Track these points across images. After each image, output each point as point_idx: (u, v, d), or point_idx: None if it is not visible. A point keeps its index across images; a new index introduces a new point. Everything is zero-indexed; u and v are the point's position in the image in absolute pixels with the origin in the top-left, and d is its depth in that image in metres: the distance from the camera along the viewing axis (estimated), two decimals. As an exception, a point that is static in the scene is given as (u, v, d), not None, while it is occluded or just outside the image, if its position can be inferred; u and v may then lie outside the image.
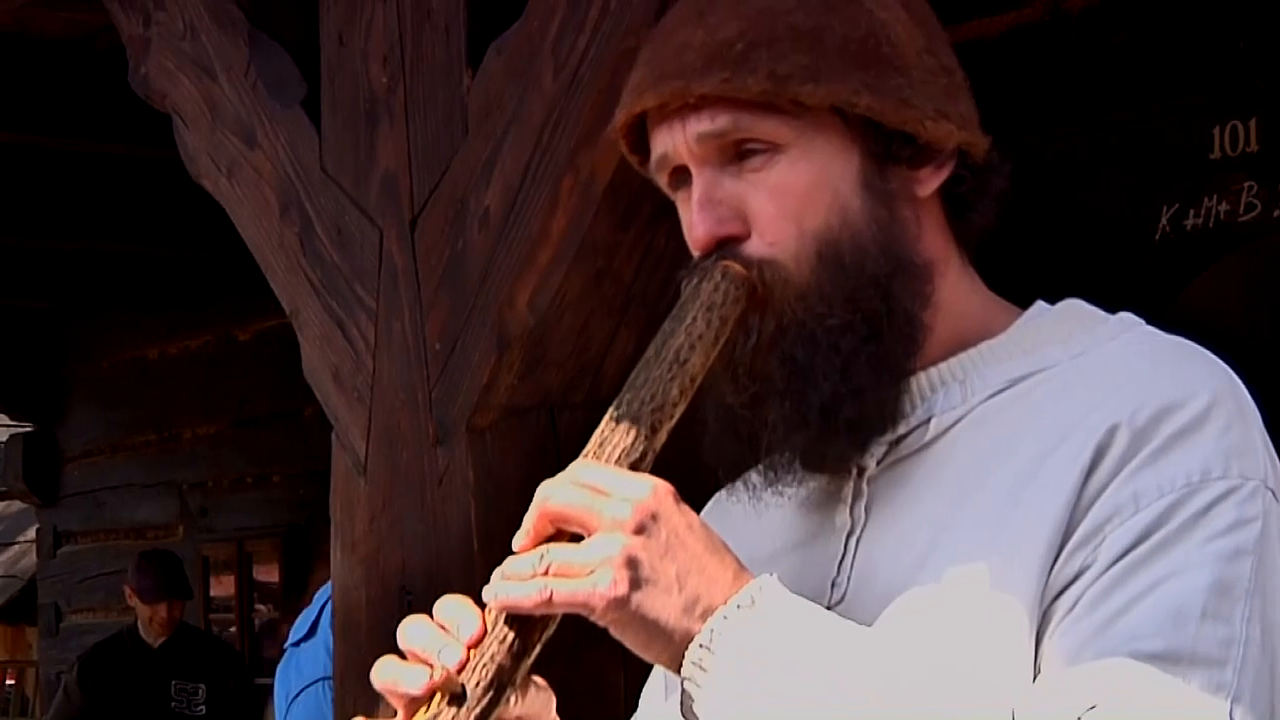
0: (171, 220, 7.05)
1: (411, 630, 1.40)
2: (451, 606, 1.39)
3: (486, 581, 1.38)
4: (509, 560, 1.36)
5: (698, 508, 1.44)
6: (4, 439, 10.11)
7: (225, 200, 3.23)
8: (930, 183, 1.51)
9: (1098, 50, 4.51)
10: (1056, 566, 1.35)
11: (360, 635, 2.93)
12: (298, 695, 4.52)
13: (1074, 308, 1.54)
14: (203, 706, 7.00)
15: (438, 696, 1.34)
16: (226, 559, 8.38)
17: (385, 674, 1.39)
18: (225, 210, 3.25)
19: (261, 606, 8.27)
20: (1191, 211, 4.39)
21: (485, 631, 1.35)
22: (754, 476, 1.52)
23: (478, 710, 1.33)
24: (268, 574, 8.19)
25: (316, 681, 4.44)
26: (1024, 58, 4.63)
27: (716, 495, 1.62)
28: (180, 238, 7.24)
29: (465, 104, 2.74)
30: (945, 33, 1.54)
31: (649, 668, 1.55)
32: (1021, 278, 1.73)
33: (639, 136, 1.56)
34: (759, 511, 1.54)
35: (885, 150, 1.48)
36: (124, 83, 3.43)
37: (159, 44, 3.33)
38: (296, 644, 4.65)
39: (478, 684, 1.33)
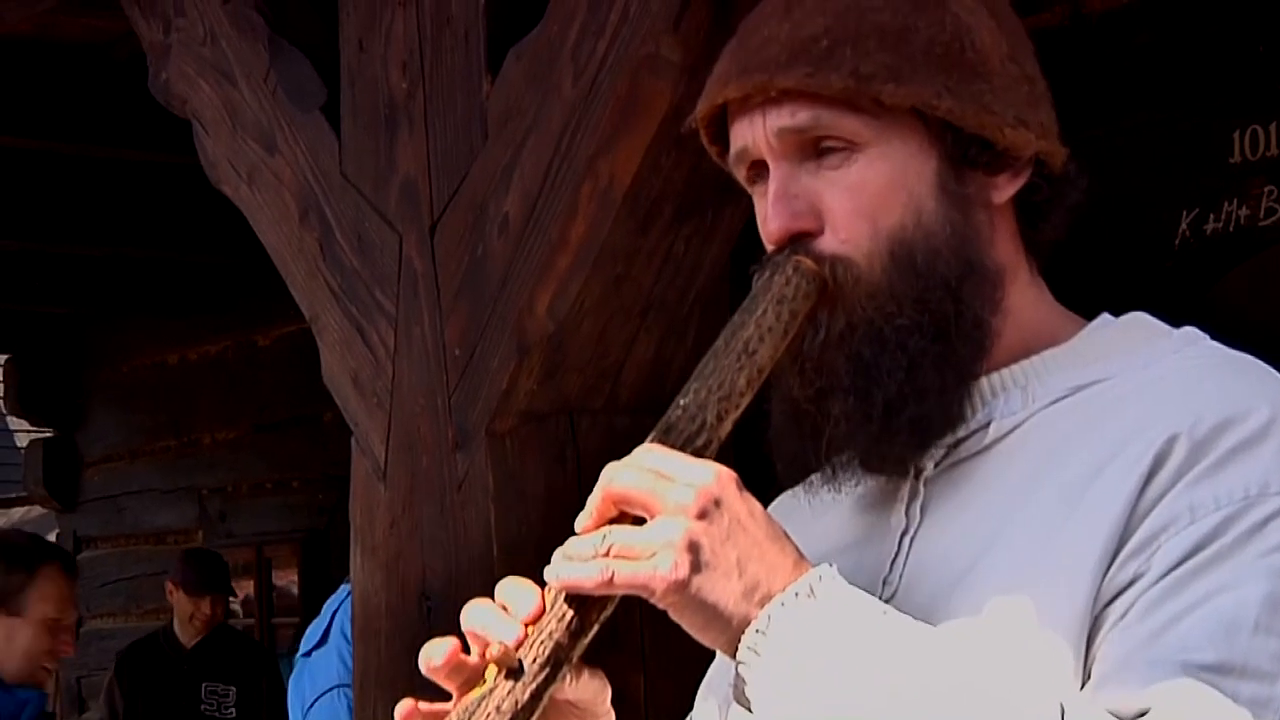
0: (191, 226, 7.06)
1: (473, 612, 1.40)
2: (512, 587, 1.40)
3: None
4: (571, 540, 1.37)
5: (761, 499, 1.45)
6: (24, 444, 10.12)
7: (245, 206, 3.24)
8: (1006, 189, 1.52)
9: (1118, 54, 4.50)
10: (1110, 573, 1.36)
11: (380, 640, 2.93)
12: (313, 704, 4.52)
13: (1138, 321, 1.55)
14: (233, 709, 7.01)
15: (494, 671, 1.35)
16: (246, 564, 8.39)
17: (435, 653, 1.39)
18: (245, 216, 3.26)
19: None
20: (1212, 216, 4.38)
21: (544, 610, 1.36)
22: (815, 479, 1.53)
23: (534, 686, 1.34)
24: (287, 579, 8.20)
25: (331, 689, 4.44)
26: (1043, 61, 4.62)
27: (780, 497, 1.64)
28: (200, 243, 7.25)
29: (485, 110, 2.75)
30: (1030, 41, 1.55)
31: (670, 672, 1.55)
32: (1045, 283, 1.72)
33: (719, 128, 1.57)
34: (817, 511, 1.55)
35: (963, 154, 1.48)
36: (144, 89, 3.44)
37: (179, 50, 3.33)
38: (308, 653, 4.65)
39: (534, 660, 1.34)
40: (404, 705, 1.40)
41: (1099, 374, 1.48)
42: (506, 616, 1.37)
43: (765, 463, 1.56)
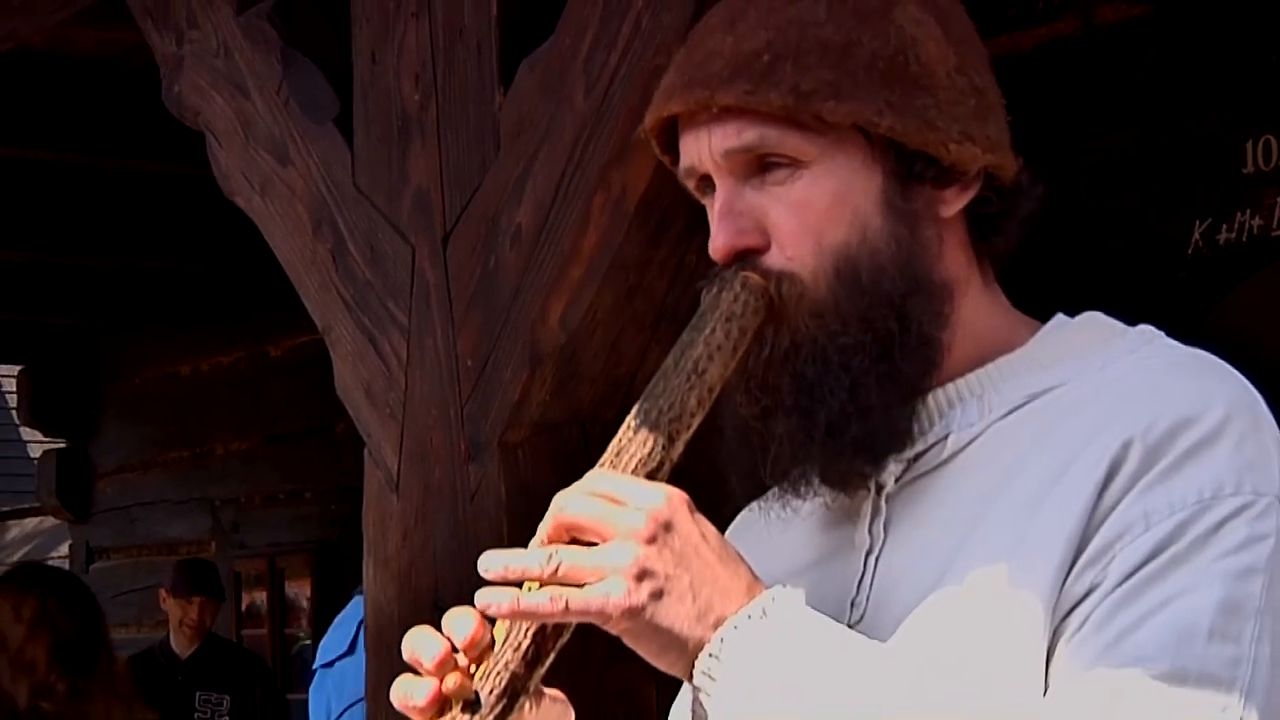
0: (204, 237, 7.07)
1: (415, 639, 1.41)
2: (455, 616, 1.40)
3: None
4: (513, 552, 1.37)
5: (717, 517, 1.44)
6: (37, 455, 10.14)
7: (258, 217, 3.24)
8: (955, 203, 1.50)
9: (1130, 64, 4.50)
10: (1068, 584, 1.35)
11: (393, 652, 2.92)
12: (341, 715, 4.48)
13: (1093, 321, 1.53)
14: (227, 718, 7.01)
15: (454, 705, 1.35)
16: (258, 574, 8.40)
17: (398, 691, 1.41)
18: (258, 227, 3.26)
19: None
20: (1224, 226, 4.37)
21: (481, 630, 1.37)
22: (772, 494, 1.52)
23: (491, 717, 1.33)
24: (300, 589, 8.20)
25: (362, 700, 4.38)
26: (1056, 72, 4.62)
27: (744, 511, 1.62)
28: (213, 255, 7.26)
29: (497, 121, 2.75)
30: (984, 50, 1.53)
31: (680, 682, 1.55)
32: (1054, 292, 1.73)
33: (671, 138, 1.56)
34: (778, 527, 1.54)
35: (909, 170, 1.47)
36: (157, 100, 3.45)
37: (192, 62, 3.34)
38: (329, 664, 4.62)
39: (491, 691, 1.34)
40: None
41: (1054, 379, 1.47)
42: (434, 640, 1.39)
43: (721, 479, 1.55)
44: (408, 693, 1.39)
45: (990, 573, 1.38)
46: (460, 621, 1.38)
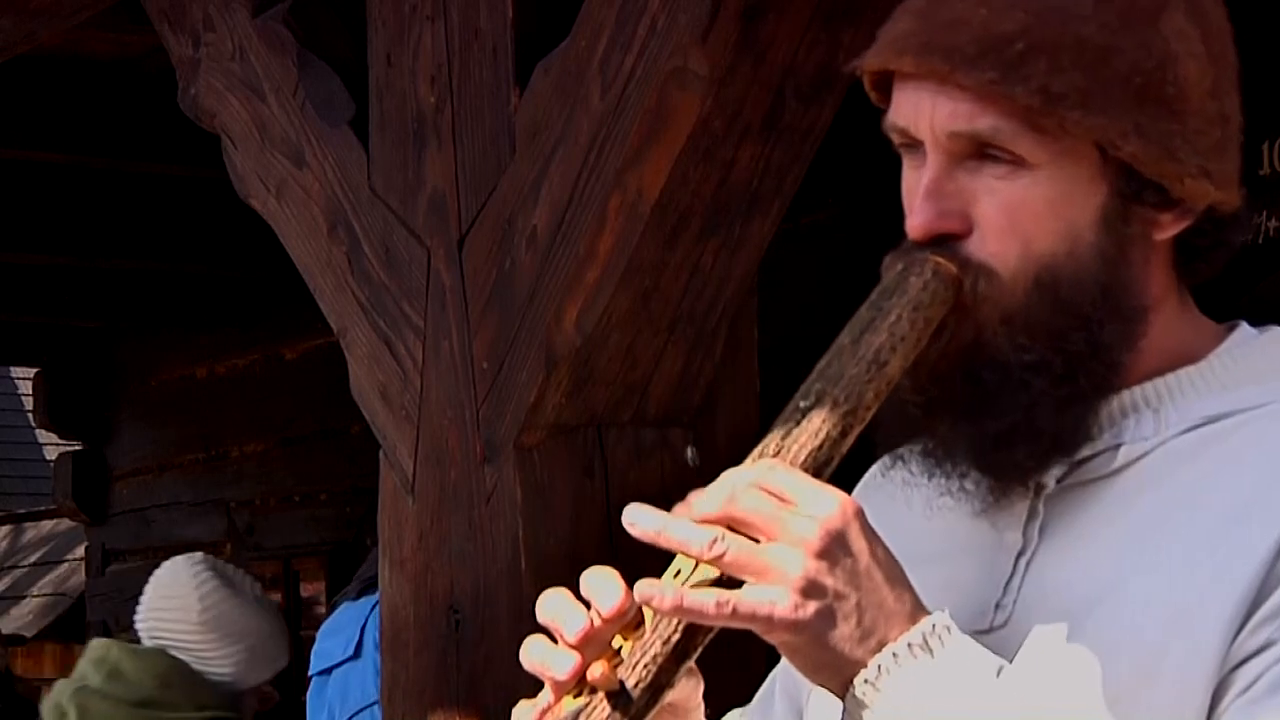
0: (220, 240, 7.08)
1: (556, 605, 1.34)
2: (600, 583, 1.33)
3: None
4: (676, 520, 1.29)
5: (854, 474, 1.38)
6: (53, 457, 10.15)
7: (273, 220, 3.25)
8: (1170, 229, 1.41)
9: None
10: (1240, 638, 1.28)
11: (408, 654, 2.93)
12: None
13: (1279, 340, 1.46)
14: None
15: (592, 692, 1.30)
16: (274, 576, 8.40)
17: (535, 654, 1.35)
18: (273, 230, 3.27)
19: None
20: (1241, 228, 4.36)
21: (626, 602, 1.30)
22: (915, 464, 1.45)
23: (633, 712, 1.29)
24: (314, 591, 8.21)
25: (372, 704, 4.34)
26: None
27: (873, 470, 1.56)
28: (228, 257, 7.27)
29: (513, 124, 2.75)
30: (1235, 63, 1.44)
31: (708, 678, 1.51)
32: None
33: (885, 75, 1.44)
34: (916, 503, 1.46)
35: (1136, 193, 1.38)
36: (173, 103, 3.45)
37: (208, 65, 3.35)
38: (328, 670, 4.57)
39: (636, 684, 1.29)
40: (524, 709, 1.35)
41: (1237, 403, 1.39)
42: (577, 611, 1.32)
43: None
44: (548, 661, 1.33)
45: (1154, 609, 1.31)
46: (605, 589, 1.32)
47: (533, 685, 1.39)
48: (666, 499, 2.79)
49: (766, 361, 2.98)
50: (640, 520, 1.29)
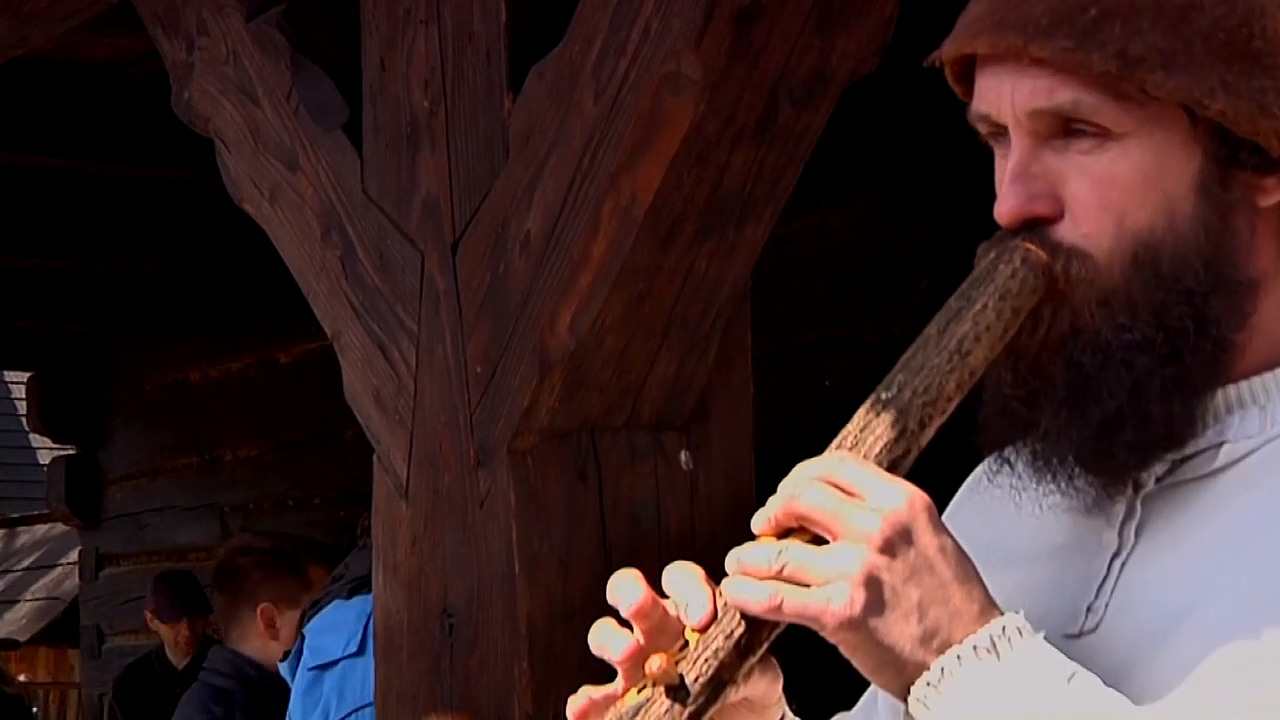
0: (214, 244, 7.07)
1: (623, 585, 1.30)
2: (683, 579, 1.28)
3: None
4: (745, 547, 1.26)
5: (951, 484, 1.34)
6: (47, 461, 10.15)
7: (267, 224, 3.25)
8: (1276, 193, 1.35)
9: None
10: None
11: (402, 658, 2.93)
12: (346, 718, 4.41)
13: None
14: None
15: (654, 685, 1.26)
16: (268, 581, 8.39)
17: (601, 636, 1.30)
18: (267, 234, 3.27)
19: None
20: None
21: (714, 617, 1.26)
22: (1020, 465, 1.39)
23: (693, 708, 1.25)
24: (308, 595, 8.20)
25: (368, 705, 4.28)
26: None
27: (977, 472, 1.51)
28: (222, 261, 7.27)
29: (506, 128, 2.75)
30: None
31: None
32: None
33: (966, 67, 1.41)
34: (1020, 504, 1.40)
35: (1231, 155, 1.32)
36: (167, 107, 3.45)
37: (202, 69, 3.35)
38: (326, 665, 4.53)
39: (697, 679, 1.25)
40: (578, 702, 1.31)
41: None
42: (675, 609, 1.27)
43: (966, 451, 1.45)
44: (605, 643, 1.29)
45: (1250, 618, 1.25)
46: (688, 587, 1.27)
47: (531, 686, 1.38)
48: (659, 503, 2.80)
49: (760, 366, 2.98)
50: (729, 564, 1.26)
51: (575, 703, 1.31)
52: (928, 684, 1.23)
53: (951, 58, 1.39)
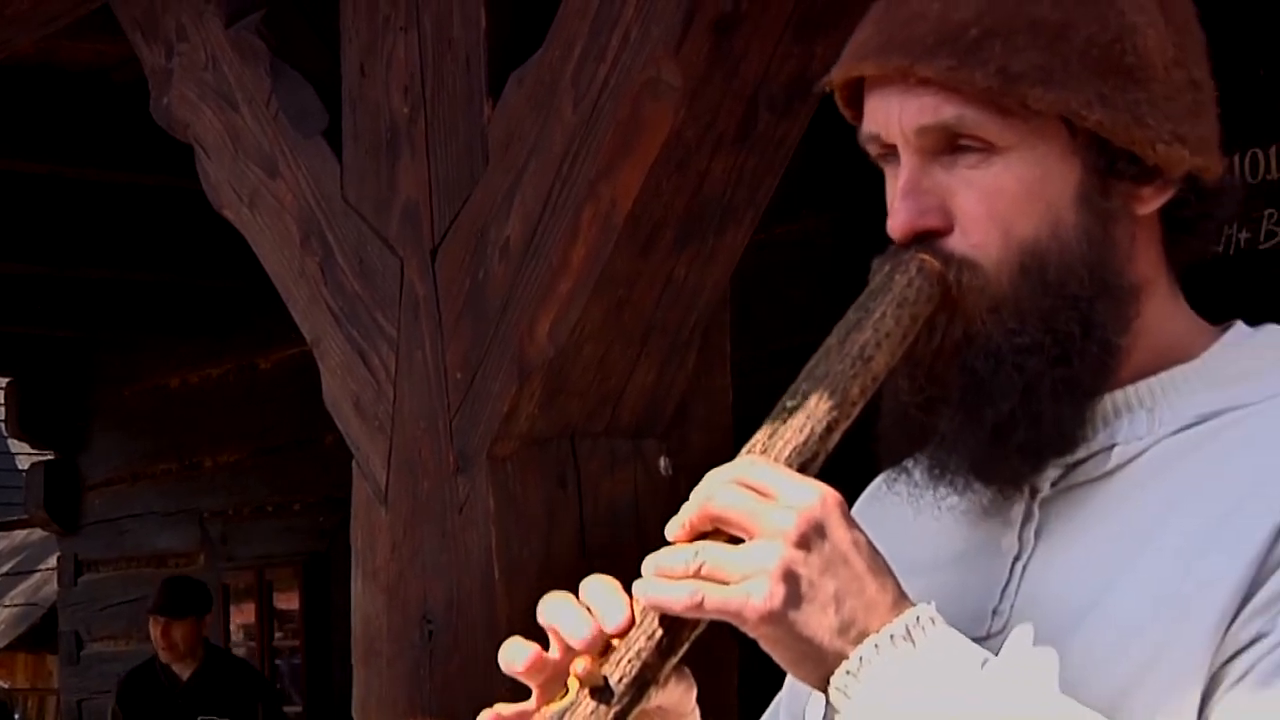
0: (193, 250, 7.07)
1: (553, 608, 1.34)
2: (599, 590, 1.33)
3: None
4: (662, 552, 1.29)
5: (857, 493, 1.38)
6: (26, 467, 10.12)
7: (247, 230, 3.25)
8: (1152, 202, 1.40)
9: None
10: (1233, 629, 1.28)
11: (381, 663, 2.93)
12: None
13: (1276, 337, 1.45)
14: None
15: (575, 684, 1.30)
16: (247, 587, 8.39)
17: (510, 652, 1.35)
18: (247, 240, 3.27)
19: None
20: (1212, 239, 4.38)
21: (632, 622, 1.30)
22: (918, 473, 1.44)
23: (618, 708, 1.28)
24: (288, 602, 8.19)
25: None
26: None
27: (876, 482, 1.55)
28: (202, 267, 7.26)
29: (486, 134, 2.75)
30: (1202, 36, 1.44)
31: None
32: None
33: (855, 91, 1.45)
34: (919, 511, 1.46)
35: (1110, 166, 1.38)
36: (147, 113, 3.45)
37: (181, 75, 3.34)
38: None
39: (620, 679, 1.28)
40: (487, 716, 1.35)
41: (1230, 400, 1.38)
42: (587, 618, 1.32)
43: (868, 458, 1.48)
44: (510, 656, 1.35)
45: (1148, 609, 1.31)
46: (607, 599, 1.32)
47: (511, 694, 1.39)
48: (639, 510, 2.79)
49: (740, 373, 2.98)
50: (645, 568, 1.29)
51: (482, 718, 1.35)
52: (847, 672, 1.27)
53: (841, 81, 1.45)
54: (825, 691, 1.29)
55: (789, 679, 1.52)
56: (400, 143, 2.90)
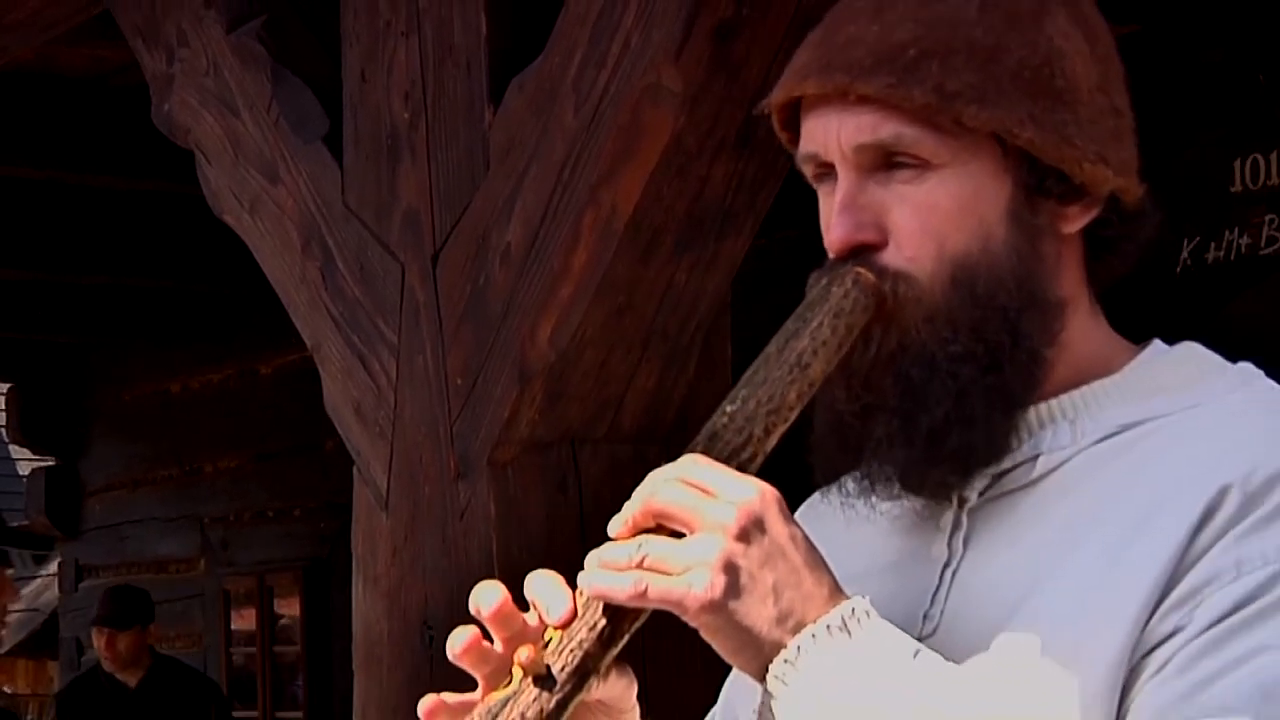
0: (194, 255, 7.07)
1: (487, 596, 1.38)
2: (543, 584, 1.37)
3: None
4: (605, 546, 1.35)
5: (796, 505, 1.42)
6: (26, 473, 10.12)
7: (247, 236, 3.25)
8: (1077, 221, 1.47)
9: (1118, 84, 4.51)
10: (1151, 623, 1.33)
11: (382, 670, 2.93)
12: None
13: (1191, 352, 1.51)
14: None
15: (519, 674, 1.33)
16: (247, 592, 8.38)
17: (453, 638, 1.38)
18: (247, 245, 3.27)
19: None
20: (1213, 244, 4.39)
21: (575, 615, 1.34)
22: (850, 484, 1.50)
23: (560, 695, 1.32)
24: (289, 607, 8.19)
25: None
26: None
27: (811, 498, 1.60)
28: (202, 273, 7.26)
29: (487, 140, 2.76)
30: (1122, 69, 1.51)
31: (670, 674, 1.54)
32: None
33: (791, 114, 1.51)
34: (851, 522, 1.51)
35: (1038, 183, 1.44)
36: (147, 119, 3.45)
37: (182, 80, 3.35)
38: None
39: (563, 668, 1.32)
40: (428, 701, 1.38)
41: (1149, 411, 1.44)
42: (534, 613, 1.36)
43: (804, 470, 1.53)
44: (453, 641, 1.38)
45: (1073, 606, 1.36)
46: (549, 590, 1.36)
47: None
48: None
49: (740, 378, 2.98)
50: (589, 561, 1.34)
51: (425, 704, 1.38)
52: (785, 661, 1.32)
53: (781, 102, 1.50)
54: (763, 681, 1.34)
55: (733, 673, 1.57)
56: (401, 148, 2.91)
